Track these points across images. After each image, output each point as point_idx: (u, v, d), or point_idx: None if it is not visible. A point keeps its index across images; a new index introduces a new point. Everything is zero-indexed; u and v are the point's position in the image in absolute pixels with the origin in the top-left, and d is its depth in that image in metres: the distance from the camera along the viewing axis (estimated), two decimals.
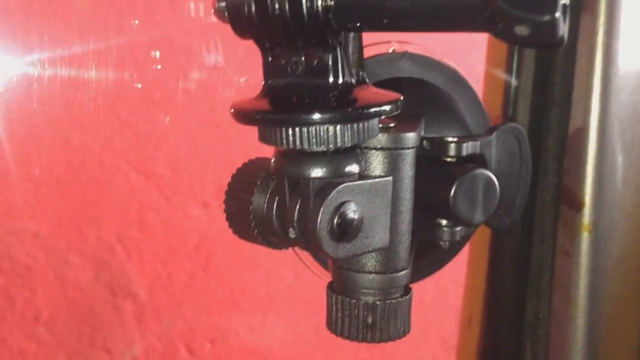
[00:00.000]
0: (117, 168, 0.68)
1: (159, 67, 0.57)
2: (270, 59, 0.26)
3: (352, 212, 0.26)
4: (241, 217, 0.28)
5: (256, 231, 0.28)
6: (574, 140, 0.38)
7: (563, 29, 0.20)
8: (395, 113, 0.26)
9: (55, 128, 0.62)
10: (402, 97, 0.26)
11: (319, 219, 0.25)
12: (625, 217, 0.39)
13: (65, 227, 0.68)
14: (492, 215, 0.33)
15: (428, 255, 0.35)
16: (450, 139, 0.32)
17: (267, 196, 0.28)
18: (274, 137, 0.25)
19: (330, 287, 0.30)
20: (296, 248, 0.30)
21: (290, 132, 0.25)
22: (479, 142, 0.33)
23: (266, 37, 0.25)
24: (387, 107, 0.25)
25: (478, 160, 0.34)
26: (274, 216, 0.28)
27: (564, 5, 0.20)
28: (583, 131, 0.38)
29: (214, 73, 0.58)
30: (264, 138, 0.26)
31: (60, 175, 0.66)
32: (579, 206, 0.38)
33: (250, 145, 0.67)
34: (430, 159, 0.32)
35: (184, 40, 0.59)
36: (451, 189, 0.31)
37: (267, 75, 0.26)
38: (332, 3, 0.23)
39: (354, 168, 0.26)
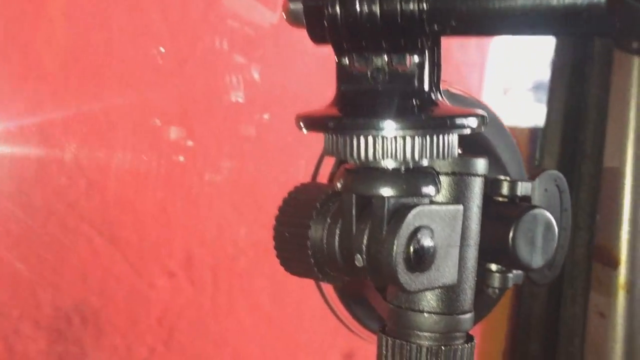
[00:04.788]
0: (80, 231, 0.63)
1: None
2: (347, 63, 0.24)
3: (429, 238, 0.24)
4: (295, 245, 0.25)
5: (313, 260, 0.25)
6: (607, 194, 0.37)
7: None
8: (482, 129, 0.24)
9: (17, 186, 0.58)
10: (487, 115, 0.24)
11: (395, 243, 0.23)
12: None
13: (21, 293, 0.63)
14: None
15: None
16: (502, 177, 0.31)
17: (328, 220, 0.25)
18: (347, 148, 0.23)
19: (383, 331, 0.27)
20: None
21: (368, 141, 0.22)
22: (530, 184, 0.31)
23: (348, 40, 0.23)
24: (474, 120, 0.23)
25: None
26: (337, 242, 0.24)
27: None
28: (617, 184, 0.37)
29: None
30: (333, 150, 0.23)
31: (19, 236, 0.61)
32: (614, 264, 0.36)
33: (222, 214, 0.63)
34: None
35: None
36: (510, 230, 0.29)
37: (341, 81, 0.24)
38: (427, 4, 0.22)
39: (430, 190, 0.24)
